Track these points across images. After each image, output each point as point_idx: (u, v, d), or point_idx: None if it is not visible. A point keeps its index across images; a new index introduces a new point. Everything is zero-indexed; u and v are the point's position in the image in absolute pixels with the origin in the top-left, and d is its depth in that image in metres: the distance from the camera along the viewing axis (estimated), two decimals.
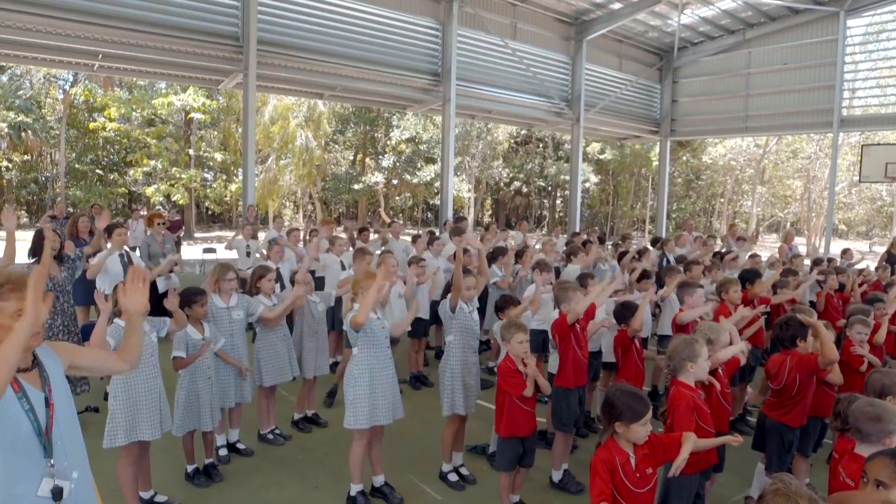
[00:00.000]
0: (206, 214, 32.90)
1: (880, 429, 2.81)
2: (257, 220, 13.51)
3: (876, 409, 2.85)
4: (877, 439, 2.80)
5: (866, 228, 42.04)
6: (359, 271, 5.59)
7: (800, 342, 4.24)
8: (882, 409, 2.84)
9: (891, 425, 2.81)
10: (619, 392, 2.82)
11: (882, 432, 2.80)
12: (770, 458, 4.25)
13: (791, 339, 4.27)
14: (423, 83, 17.07)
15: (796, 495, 2.01)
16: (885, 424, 2.81)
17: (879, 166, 18.05)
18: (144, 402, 4.02)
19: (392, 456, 5.24)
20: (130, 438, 4.00)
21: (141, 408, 4.01)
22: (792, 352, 4.24)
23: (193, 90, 23.80)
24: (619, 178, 36.33)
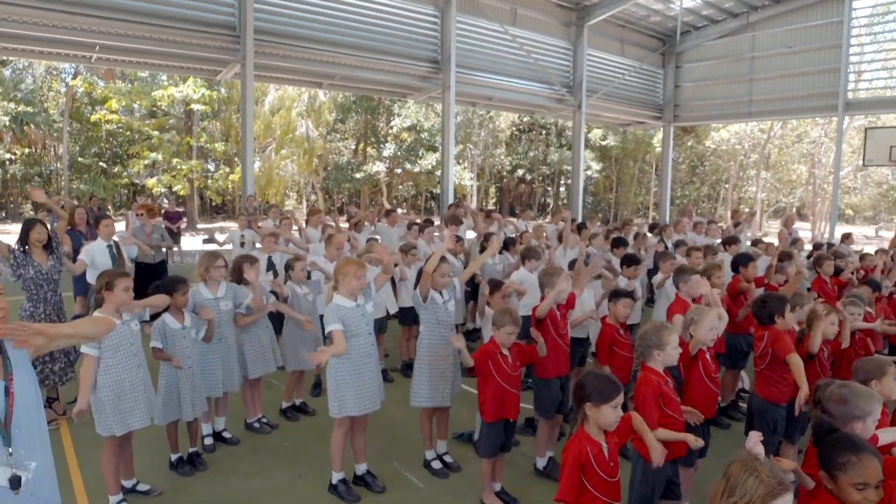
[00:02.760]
0: (209, 205, 32.96)
1: (845, 412, 2.75)
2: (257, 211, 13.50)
3: (844, 391, 2.80)
4: (843, 423, 2.74)
5: (873, 213, 41.67)
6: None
7: (777, 319, 4.20)
8: (850, 393, 2.79)
9: (856, 409, 2.75)
10: (589, 374, 2.80)
11: (847, 415, 2.74)
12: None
13: (769, 316, 4.25)
14: (422, 71, 16.95)
15: (757, 464, 2.00)
16: (851, 408, 2.75)
17: (884, 149, 17.84)
18: (130, 391, 4.01)
19: (379, 444, 5.24)
20: (125, 429, 4.02)
21: (127, 398, 4.00)
22: (769, 328, 4.21)
23: (193, 81, 23.73)
24: (622, 165, 36.10)
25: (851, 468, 2.25)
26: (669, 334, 3.37)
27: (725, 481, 2.03)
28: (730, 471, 2.04)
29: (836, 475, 2.27)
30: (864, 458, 2.27)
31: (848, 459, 2.26)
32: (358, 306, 4.26)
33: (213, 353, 4.91)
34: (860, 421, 2.76)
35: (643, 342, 3.44)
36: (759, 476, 1.96)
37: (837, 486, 2.27)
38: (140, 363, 4.09)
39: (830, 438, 2.40)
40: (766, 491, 1.94)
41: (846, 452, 2.29)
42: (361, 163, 31.03)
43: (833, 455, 2.31)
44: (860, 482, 2.23)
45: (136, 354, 4.07)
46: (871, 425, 2.78)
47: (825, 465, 2.33)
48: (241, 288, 5.13)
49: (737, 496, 1.97)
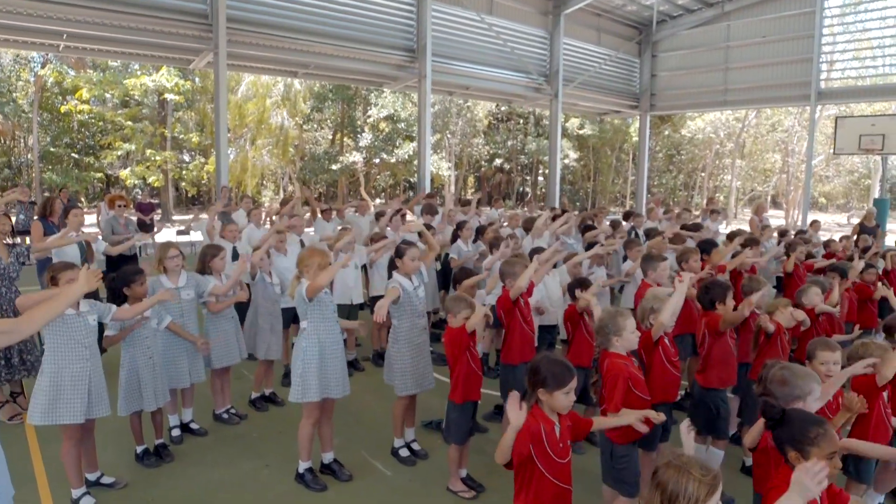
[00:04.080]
0: (185, 197, 32.56)
1: (787, 393, 2.81)
2: (231, 202, 13.36)
3: (785, 373, 2.86)
4: (785, 403, 2.80)
5: (845, 201, 42.37)
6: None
7: (718, 305, 4.29)
8: (791, 374, 2.85)
9: (796, 390, 2.82)
10: (544, 359, 2.80)
11: (789, 396, 2.81)
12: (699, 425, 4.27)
13: (710, 302, 4.34)
14: (398, 60, 16.84)
15: (688, 465, 1.98)
16: (792, 389, 2.82)
17: (853, 138, 18.10)
18: (69, 385, 3.89)
19: (346, 432, 5.25)
20: (51, 421, 3.89)
21: (64, 390, 3.88)
22: (709, 313, 4.31)
23: (166, 70, 23.37)
24: (599, 154, 36.28)
25: (822, 440, 2.33)
26: (625, 319, 3.41)
27: (661, 492, 1.97)
28: (662, 479, 1.98)
29: (809, 451, 2.32)
30: (829, 429, 2.37)
31: (817, 433, 2.34)
32: (327, 293, 4.25)
33: (177, 343, 4.86)
34: (801, 401, 2.83)
35: (601, 330, 3.48)
36: (695, 477, 1.94)
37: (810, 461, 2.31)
38: (89, 357, 3.98)
39: (791, 418, 2.44)
40: (706, 490, 1.95)
41: (814, 426, 2.36)
42: (338, 153, 30.82)
43: (802, 432, 2.36)
44: (830, 452, 2.32)
45: (87, 348, 3.97)
46: (812, 404, 2.85)
47: (794, 444, 2.37)
48: (203, 277, 5.09)
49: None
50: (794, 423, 2.40)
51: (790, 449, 2.38)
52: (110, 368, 4.42)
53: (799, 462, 2.34)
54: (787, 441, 2.39)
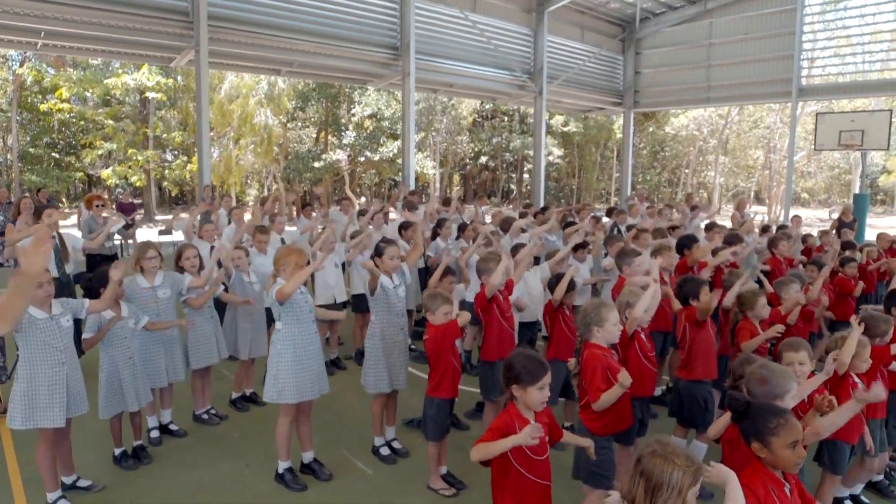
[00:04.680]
0: (168, 196, 32.26)
1: (767, 391, 2.84)
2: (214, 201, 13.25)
3: (765, 371, 2.89)
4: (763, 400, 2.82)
5: (826, 196, 42.83)
6: None
7: (692, 301, 4.31)
8: (770, 372, 2.88)
9: (777, 388, 2.84)
10: (517, 355, 2.81)
11: (769, 394, 2.83)
12: (687, 418, 4.30)
13: (685, 298, 4.36)
14: (382, 57, 16.79)
15: (673, 455, 2.00)
16: (772, 387, 2.84)
17: (833, 134, 18.28)
18: (45, 388, 3.83)
19: (327, 432, 5.23)
20: (29, 425, 3.84)
21: (41, 394, 3.83)
22: (685, 309, 4.33)
23: (148, 69, 23.11)
24: (584, 151, 36.41)
25: (782, 430, 2.35)
26: (609, 311, 3.43)
27: (644, 480, 1.99)
28: (647, 467, 2.00)
29: (770, 441, 2.35)
30: (790, 419, 2.40)
31: (778, 423, 2.37)
32: (302, 293, 4.22)
33: (155, 342, 4.82)
34: (779, 399, 2.86)
35: (583, 320, 3.49)
36: (679, 467, 1.97)
37: (772, 452, 2.35)
38: (65, 361, 3.92)
39: (754, 409, 2.46)
40: (689, 480, 1.98)
41: (774, 417, 2.39)
42: (322, 151, 30.66)
43: (763, 423, 2.39)
44: (792, 441, 2.34)
45: (62, 351, 3.91)
46: (789, 402, 2.88)
47: (757, 435, 2.39)
48: (181, 275, 5.04)
49: (665, 494, 1.96)
50: (756, 415, 2.42)
51: (753, 440, 2.40)
52: (89, 370, 4.38)
53: (762, 453, 2.37)
54: (750, 432, 2.42)
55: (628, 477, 2.04)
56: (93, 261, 8.33)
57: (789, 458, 2.34)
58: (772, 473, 2.38)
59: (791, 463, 2.35)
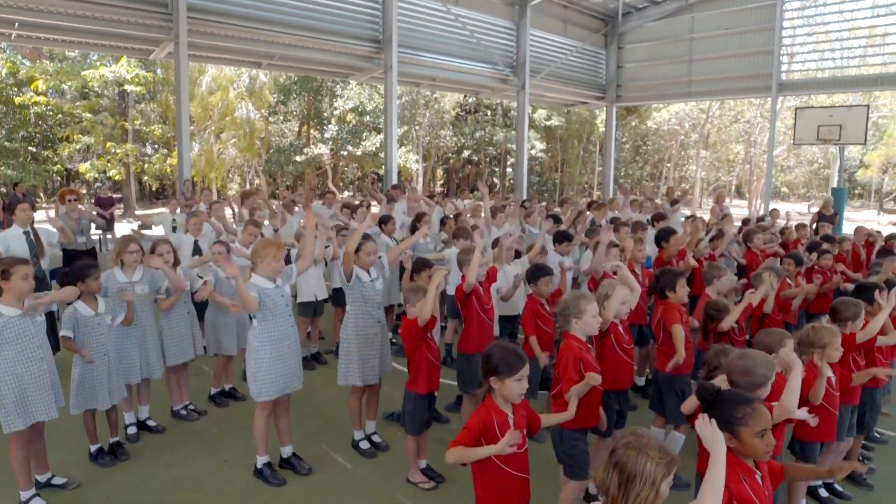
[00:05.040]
0: (148, 191, 31.87)
1: (750, 381, 2.86)
2: (194, 196, 13.13)
3: (746, 362, 2.90)
4: (747, 390, 2.85)
5: (805, 190, 43.36)
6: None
7: (669, 293, 4.34)
8: (752, 363, 2.89)
9: (760, 378, 2.87)
10: (495, 347, 2.81)
11: (752, 384, 2.86)
12: (668, 411, 4.34)
13: (661, 290, 4.40)
14: (364, 50, 16.69)
15: (647, 447, 2.01)
16: (755, 377, 2.86)
17: (812, 129, 18.50)
18: (32, 385, 3.83)
19: (307, 426, 5.20)
20: (29, 422, 3.85)
21: (29, 391, 3.83)
22: (662, 301, 4.36)
23: (126, 61, 22.78)
24: (567, 145, 36.50)
25: (750, 419, 2.35)
26: (587, 303, 3.43)
27: (618, 472, 2.00)
28: (621, 459, 2.01)
29: (739, 430, 2.36)
30: (758, 407, 2.40)
31: (745, 412, 2.37)
32: (277, 287, 4.18)
33: (130, 338, 4.76)
34: (762, 387, 2.88)
35: (562, 312, 3.50)
36: (653, 458, 1.98)
37: (740, 441, 2.36)
38: (43, 355, 3.90)
39: (722, 399, 2.46)
40: (662, 471, 1.99)
41: (742, 406, 2.39)
42: (305, 145, 30.44)
43: (731, 412, 2.39)
44: (760, 430, 2.35)
45: (39, 346, 3.88)
46: (769, 388, 2.90)
47: (725, 425, 2.37)
48: (159, 272, 4.98)
49: (639, 486, 1.97)
50: (725, 404, 2.42)
51: (722, 430, 2.39)
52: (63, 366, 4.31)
53: (731, 443, 2.36)
54: (718, 422, 2.40)
55: (603, 468, 2.05)
56: (69, 256, 8.23)
57: (758, 446, 2.35)
58: (742, 462, 2.39)
59: (760, 451, 2.36)
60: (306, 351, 6.77)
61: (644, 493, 1.96)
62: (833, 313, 4.23)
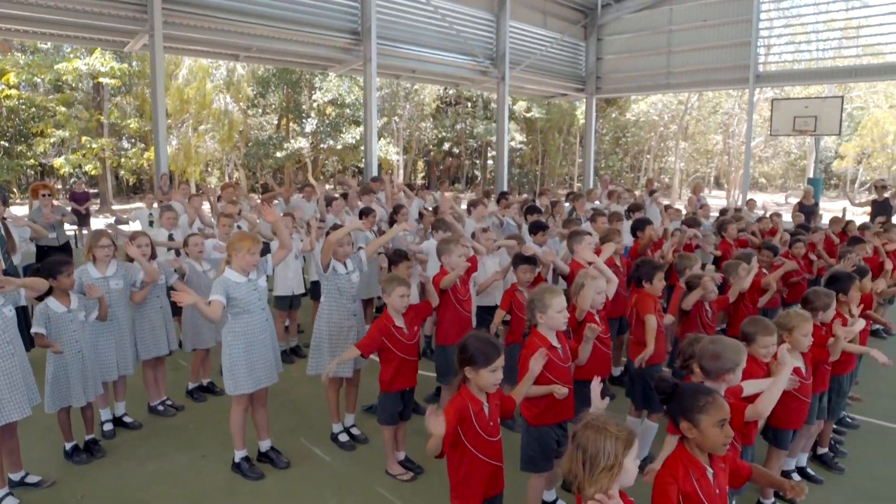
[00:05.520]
0: (126, 185, 31.44)
1: (720, 366, 2.89)
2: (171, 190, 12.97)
3: (717, 346, 2.93)
4: (717, 376, 2.89)
5: (783, 181, 43.90)
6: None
7: (645, 284, 4.38)
8: (722, 347, 2.92)
9: (728, 363, 2.90)
10: (471, 337, 2.82)
11: (722, 369, 2.89)
12: (638, 399, 4.38)
13: (638, 280, 4.44)
14: (342, 42, 16.57)
15: (605, 424, 2.04)
16: (724, 362, 2.89)
17: (788, 120, 18.72)
18: (4, 383, 3.76)
19: (286, 419, 5.19)
20: (1, 422, 3.78)
21: (1, 389, 3.76)
22: (638, 291, 4.40)
23: (101, 53, 22.40)
24: (547, 137, 36.61)
25: (710, 408, 2.37)
26: (553, 297, 3.39)
27: (581, 452, 2.03)
28: (581, 441, 2.04)
29: (699, 419, 2.37)
30: (717, 397, 2.43)
31: (706, 401, 2.38)
32: (249, 281, 4.16)
33: (106, 335, 4.71)
34: (731, 372, 2.92)
35: (529, 306, 3.50)
36: (611, 434, 2.01)
37: (700, 431, 2.37)
38: (15, 351, 3.84)
39: (682, 390, 2.48)
40: (622, 446, 2.02)
41: (702, 396, 2.41)
42: (284, 138, 30.20)
43: (691, 403, 2.40)
44: (720, 419, 2.36)
45: (10, 342, 3.82)
46: (739, 374, 2.94)
47: (685, 414, 2.41)
48: (133, 265, 4.92)
49: (601, 463, 2.00)
50: (684, 395, 2.44)
51: (682, 420, 2.42)
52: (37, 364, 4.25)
53: (691, 433, 2.39)
54: (678, 413, 2.43)
55: (567, 455, 2.07)
56: (42, 251, 8.12)
57: (717, 436, 2.35)
58: (695, 459, 2.40)
59: (719, 443, 2.37)
60: (285, 345, 6.75)
61: (609, 466, 1.99)
62: (805, 303, 4.30)
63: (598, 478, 1.99)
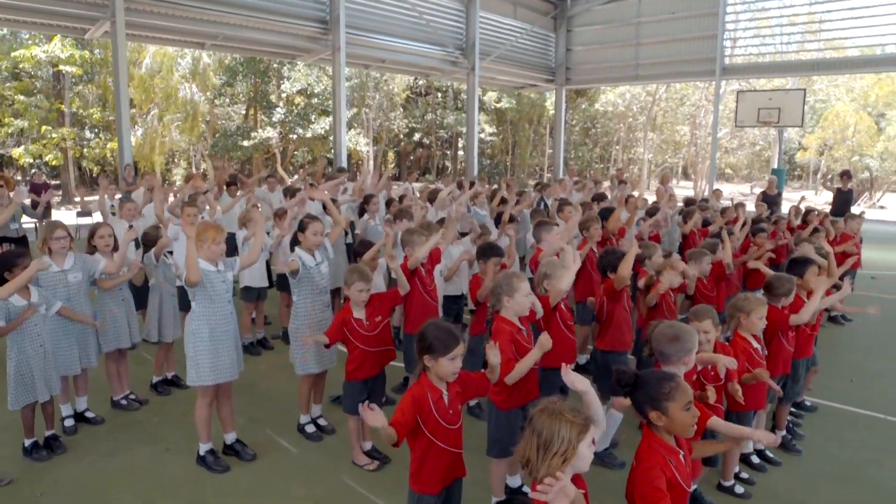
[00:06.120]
0: (89, 176, 30.70)
1: (679, 348, 2.94)
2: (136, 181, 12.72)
3: (674, 330, 2.99)
4: (676, 359, 2.94)
5: (748, 171, 44.74)
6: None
7: (610, 273, 4.45)
8: (679, 330, 2.98)
9: (687, 344, 2.95)
10: (430, 325, 2.81)
11: (681, 352, 2.94)
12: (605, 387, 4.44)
13: (603, 269, 4.50)
14: (310, 31, 16.37)
15: (561, 410, 2.06)
16: (683, 344, 2.95)
17: (753, 112, 19.07)
18: None
19: (253, 412, 5.15)
20: None
21: None
22: (605, 280, 4.46)
23: (61, 40, 21.77)
24: (517, 128, 36.73)
25: (676, 392, 2.39)
26: (520, 281, 3.44)
27: (536, 436, 2.04)
28: (537, 426, 2.05)
29: (667, 406, 2.38)
30: (680, 381, 2.45)
31: (670, 388, 2.40)
32: (219, 272, 4.11)
33: (66, 328, 4.61)
34: (689, 354, 2.97)
35: (494, 291, 3.51)
36: (566, 419, 2.03)
37: (669, 417, 2.38)
38: None
39: (644, 379, 2.48)
40: (577, 431, 2.03)
41: (667, 382, 2.42)
42: (252, 128, 29.77)
43: (657, 390, 2.41)
44: (686, 402, 2.39)
45: None
46: (693, 357, 3.00)
47: (653, 403, 2.41)
48: (92, 257, 4.82)
49: (555, 447, 2.01)
50: (648, 384, 2.44)
51: (649, 409, 2.42)
52: None
53: (661, 421, 2.40)
54: (644, 402, 2.43)
55: (523, 439, 2.09)
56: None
57: (686, 419, 2.38)
58: (666, 444, 2.42)
59: (688, 425, 2.40)
60: (252, 336, 6.69)
61: (561, 450, 2.00)
62: (767, 288, 4.41)
63: (551, 463, 2.00)
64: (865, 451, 4.73)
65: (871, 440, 4.94)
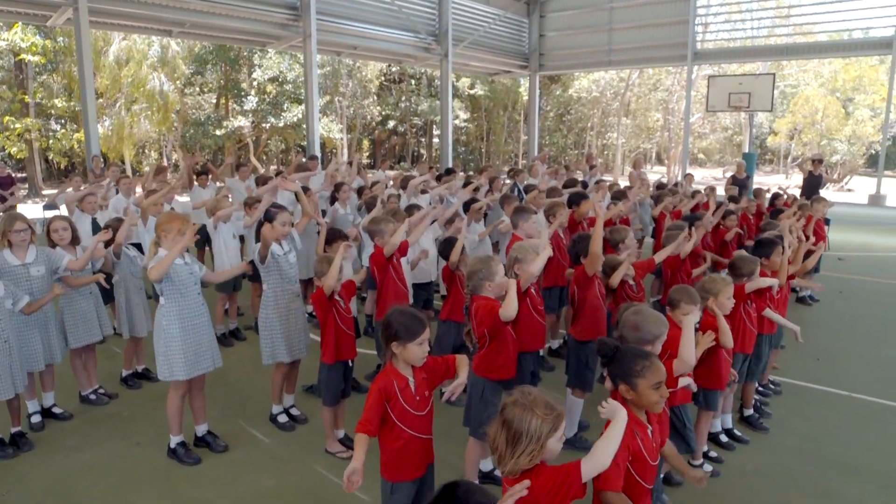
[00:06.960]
0: (56, 168, 30.03)
1: (639, 336, 2.98)
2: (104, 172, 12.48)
3: (637, 317, 3.02)
4: (638, 346, 2.96)
5: (721, 156, 45.30)
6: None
7: (583, 259, 4.47)
8: (642, 318, 3.01)
9: (648, 335, 2.99)
10: (394, 312, 2.81)
11: (640, 340, 2.97)
12: (570, 375, 4.48)
13: (576, 256, 4.52)
14: (281, 17, 16.18)
15: (533, 403, 2.06)
16: (643, 333, 2.98)
17: (724, 97, 19.29)
18: None
19: (224, 402, 5.11)
20: None
21: None
22: (576, 267, 4.49)
23: (22, 28, 21.17)
24: (492, 114, 36.71)
25: (648, 371, 2.46)
26: (497, 265, 3.50)
27: (506, 429, 2.04)
28: (508, 417, 2.05)
29: (637, 382, 2.46)
30: (654, 361, 2.52)
31: (643, 365, 2.48)
32: (186, 265, 4.05)
33: (30, 323, 4.50)
34: (650, 344, 3.00)
35: (472, 276, 3.53)
36: (538, 415, 2.03)
37: (638, 393, 2.47)
38: None
39: (621, 353, 2.57)
40: (548, 427, 2.04)
41: (640, 360, 2.50)
42: (223, 118, 29.31)
43: (630, 366, 2.49)
44: (656, 382, 2.46)
45: None
46: (659, 347, 3.03)
47: (624, 378, 2.49)
48: (56, 251, 4.72)
49: (524, 442, 2.02)
50: (624, 359, 2.53)
51: (621, 382, 2.51)
52: None
53: (629, 395, 2.48)
54: (617, 375, 2.52)
55: (494, 425, 2.09)
56: None
57: (653, 396, 2.47)
58: (636, 417, 2.49)
59: (654, 402, 2.48)
60: (224, 327, 6.62)
61: (529, 449, 2.01)
62: (732, 268, 4.47)
63: (518, 461, 2.02)
64: (830, 427, 4.85)
65: (835, 417, 5.06)
